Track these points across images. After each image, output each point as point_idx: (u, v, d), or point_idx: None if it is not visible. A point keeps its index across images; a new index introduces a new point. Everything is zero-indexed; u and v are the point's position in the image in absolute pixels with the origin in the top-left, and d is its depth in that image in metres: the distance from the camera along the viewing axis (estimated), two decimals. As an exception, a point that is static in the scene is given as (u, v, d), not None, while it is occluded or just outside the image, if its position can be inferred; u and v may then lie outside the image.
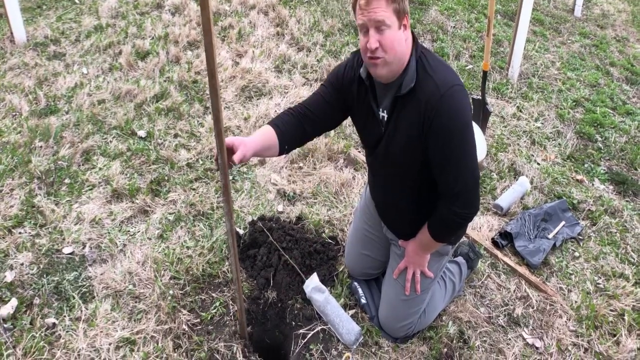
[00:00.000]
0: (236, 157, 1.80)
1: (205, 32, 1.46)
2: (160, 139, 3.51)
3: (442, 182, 1.94)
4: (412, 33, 1.91)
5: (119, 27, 4.86)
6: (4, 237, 2.74)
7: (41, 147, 3.36)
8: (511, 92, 4.57)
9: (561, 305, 2.65)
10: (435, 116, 1.80)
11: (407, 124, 1.90)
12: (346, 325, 2.31)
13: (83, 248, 2.73)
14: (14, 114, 3.70)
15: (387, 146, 2.01)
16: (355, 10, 1.82)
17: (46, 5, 5.33)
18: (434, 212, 2.04)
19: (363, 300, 2.48)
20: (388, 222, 2.32)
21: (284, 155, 3.29)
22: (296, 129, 2.06)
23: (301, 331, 2.37)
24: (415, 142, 1.90)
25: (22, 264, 2.60)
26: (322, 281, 2.49)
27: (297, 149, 3.41)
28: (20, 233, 2.77)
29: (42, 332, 2.30)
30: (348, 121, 3.77)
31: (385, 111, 1.98)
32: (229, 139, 1.78)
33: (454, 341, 2.39)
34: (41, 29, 4.77)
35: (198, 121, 3.72)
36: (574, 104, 4.60)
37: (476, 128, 3.31)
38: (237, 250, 2.65)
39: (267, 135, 1.99)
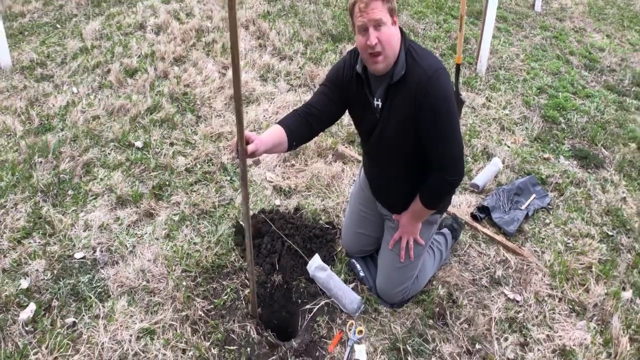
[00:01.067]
0: (250, 148, 2.01)
1: (232, 34, 1.69)
2: (158, 148, 3.70)
3: (433, 154, 2.21)
4: (400, 28, 2.17)
5: (104, 47, 5.04)
6: (14, 248, 2.84)
7: (41, 162, 3.48)
8: (480, 84, 4.88)
9: (536, 264, 2.96)
10: (425, 95, 2.08)
11: (400, 107, 2.17)
12: (348, 296, 2.56)
13: (94, 252, 2.86)
14: (8, 134, 3.80)
15: (382, 130, 2.27)
16: (353, 14, 2.07)
17: (28, 32, 5.46)
18: (425, 183, 2.31)
19: (362, 274, 2.73)
20: (382, 199, 2.58)
21: (277, 155, 3.57)
22: (303, 127, 2.30)
23: (307, 307, 2.61)
24: (407, 123, 2.17)
25: (36, 271, 2.72)
26: (323, 261, 2.73)
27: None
28: (30, 243, 2.89)
29: (64, 331, 2.42)
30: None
31: (379, 99, 2.24)
32: (246, 133, 1.99)
33: (444, 302, 2.66)
34: (26, 54, 4.90)
35: (192, 129, 3.94)
36: (538, 91, 4.94)
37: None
38: (242, 241, 2.89)
39: (277, 133, 2.22)
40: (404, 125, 2.19)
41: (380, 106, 2.25)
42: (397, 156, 2.34)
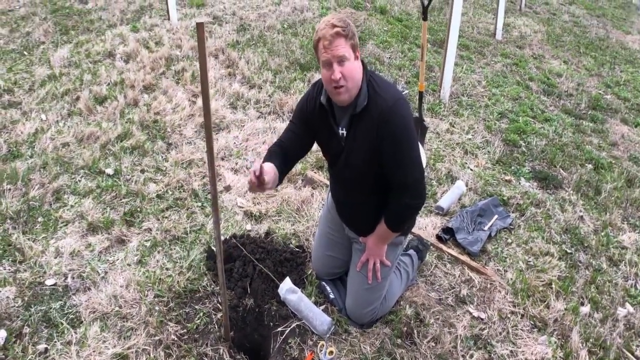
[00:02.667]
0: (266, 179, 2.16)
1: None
2: (128, 175, 3.72)
3: (395, 180, 2.33)
4: (362, 61, 2.30)
5: (73, 75, 5.05)
6: (-18, 277, 2.81)
7: (9, 189, 3.46)
8: (444, 110, 5.06)
9: (499, 283, 3.08)
10: (386, 124, 2.21)
11: (363, 136, 2.29)
12: (319, 318, 2.62)
13: (65, 279, 2.86)
14: (-24, 161, 3.75)
15: (347, 157, 2.39)
16: (318, 49, 2.19)
17: (-6, 59, 5.46)
18: (389, 207, 2.42)
19: (332, 296, 2.80)
20: (349, 223, 2.67)
21: (247, 181, 3.63)
22: (284, 163, 2.41)
23: (279, 329, 2.65)
24: (371, 150, 2.29)
25: (7, 298, 2.70)
26: (294, 284, 2.78)
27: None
28: (0, 271, 2.88)
29: (35, 358, 2.41)
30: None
31: (344, 129, 2.36)
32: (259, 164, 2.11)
33: (412, 321, 2.75)
34: (-7, 81, 4.90)
35: (162, 157, 3.97)
36: (500, 116, 5.15)
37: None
38: (214, 265, 2.93)
39: (274, 170, 2.29)
40: (368, 153, 2.31)
41: (345, 135, 2.36)
42: (362, 182, 2.45)
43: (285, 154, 2.42)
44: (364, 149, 2.31)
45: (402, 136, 2.24)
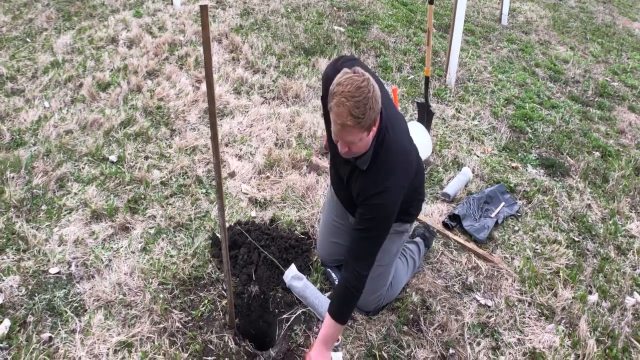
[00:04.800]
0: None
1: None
2: (132, 162, 3.70)
3: (349, 249, 2.23)
4: (381, 112, 2.07)
5: (76, 61, 5.01)
6: (-13, 265, 2.81)
7: (13, 177, 3.44)
8: (450, 96, 5.01)
9: (506, 270, 3.06)
10: (371, 198, 2.13)
11: (355, 184, 2.25)
12: (324, 305, 2.61)
13: (69, 267, 2.85)
14: (-22, 150, 3.74)
15: (343, 177, 2.36)
16: (329, 110, 1.96)
17: (-3, 46, 5.43)
18: (333, 297, 2.27)
19: (337, 282, 2.78)
20: (352, 212, 2.64)
21: (252, 167, 3.62)
22: None
23: (284, 316, 2.65)
24: (357, 192, 2.24)
25: (10, 287, 2.70)
26: (299, 271, 2.77)
27: (263, 160, 3.72)
28: (3, 259, 2.86)
29: (40, 347, 2.40)
30: (308, 132, 4.11)
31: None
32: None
33: (418, 308, 2.74)
34: (-4, 68, 4.88)
35: (166, 143, 3.95)
36: (506, 102, 5.10)
37: (422, 128, 3.71)
38: (218, 252, 2.92)
39: None
40: (355, 191, 2.27)
41: (345, 159, 2.28)
42: (352, 195, 2.39)
43: None
44: (355, 187, 2.26)
45: (374, 218, 2.15)
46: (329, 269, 2.86)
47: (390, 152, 2.16)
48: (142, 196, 3.40)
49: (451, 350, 2.57)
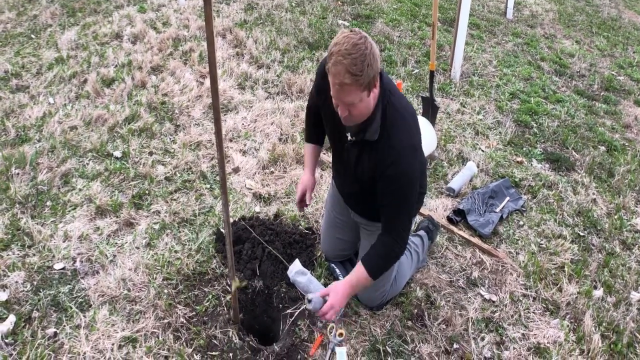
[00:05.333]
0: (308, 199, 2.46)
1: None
2: (136, 158, 3.70)
3: (384, 219, 2.23)
4: (381, 76, 2.06)
5: (80, 57, 5.01)
6: (-8, 261, 2.82)
7: (18, 174, 3.45)
8: (454, 90, 4.99)
9: (511, 265, 3.05)
10: (389, 169, 2.08)
11: (367, 160, 2.18)
12: (328, 300, 2.60)
13: (74, 262, 2.86)
14: (-16, 146, 3.74)
15: (348, 159, 2.29)
16: (327, 76, 1.96)
17: (1, 43, 5.38)
18: (372, 254, 2.25)
19: (341, 278, 2.78)
20: (354, 209, 2.63)
21: (256, 163, 3.63)
22: (321, 130, 2.46)
23: (288, 311, 2.65)
24: (371, 173, 2.19)
25: (15, 282, 2.70)
26: (303, 266, 2.76)
27: (267, 155, 3.72)
28: (9, 255, 2.87)
29: (45, 342, 2.41)
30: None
31: (352, 137, 2.22)
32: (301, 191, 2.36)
33: (423, 303, 2.74)
34: (0, 65, 4.86)
35: (170, 138, 3.95)
36: (511, 96, 5.07)
37: (427, 122, 3.70)
38: (222, 248, 2.92)
39: (316, 156, 2.49)
40: (367, 174, 2.21)
41: (351, 141, 2.24)
42: (363, 186, 2.34)
43: (317, 127, 2.52)
44: (365, 170, 2.21)
45: (402, 184, 2.11)
46: (332, 265, 2.86)
47: (398, 113, 2.12)
48: (147, 192, 3.40)
49: (455, 345, 2.56)
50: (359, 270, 2.22)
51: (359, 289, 2.29)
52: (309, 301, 2.23)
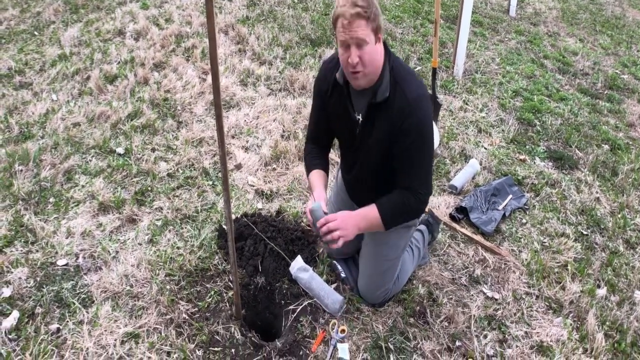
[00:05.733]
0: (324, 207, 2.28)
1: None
2: (139, 154, 3.70)
3: (402, 176, 2.25)
4: (384, 43, 2.17)
5: (83, 54, 5.02)
6: (-4, 257, 2.82)
7: (21, 170, 3.46)
8: (457, 88, 4.98)
9: (514, 263, 3.04)
10: (405, 121, 2.11)
11: (380, 127, 2.20)
12: (331, 296, 2.61)
13: (77, 259, 2.86)
14: (-13, 143, 3.76)
15: (361, 143, 2.31)
16: (336, 26, 2.02)
17: (5, 40, 5.41)
18: (388, 199, 2.26)
19: (343, 275, 2.78)
20: (360, 203, 2.63)
21: (258, 159, 3.63)
22: (325, 158, 2.55)
23: (290, 307, 2.64)
24: (386, 142, 2.21)
25: (19, 279, 2.71)
26: (305, 263, 2.77)
27: (269, 152, 3.72)
28: (12, 251, 2.87)
29: (48, 338, 2.41)
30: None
31: (360, 114, 2.26)
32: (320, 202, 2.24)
33: (425, 300, 2.73)
34: (4, 62, 4.86)
35: (173, 135, 3.95)
36: (514, 94, 5.06)
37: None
38: (225, 244, 2.92)
39: (324, 177, 2.46)
40: (383, 145, 2.23)
41: (361, 121, 2.26)
42: (374, 169, 2.38)
43: (321, 147, 2.55)
44: (379, 139, 2.22)
45: (420, 134, 2.14)
46: (334, 262, 2.86)
47: (404, 69, 2.19)
48: (149, 188, 3.40)
49: (458, 343, 2.56)
50: (372, 209, 2.25)
51: (368, 227, 2.29)
52: (313, 210, 2.21)
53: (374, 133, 2.23)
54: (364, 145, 2.30)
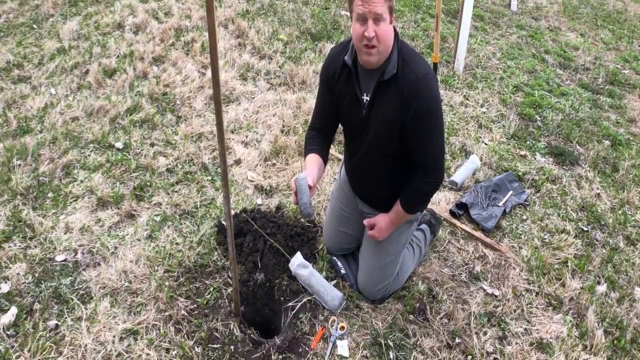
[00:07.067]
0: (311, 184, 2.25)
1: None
2: (138, 149, 3.68)
3: (418, 155, 2.28)
4: (394, 27, 2.20)
5: (82, 48, 4.99)
6: (-6, 252, 2.81)
7: (20, 165, 3.44)
8: (458, 82, 4.96)
9: (514, 259, 3.04)
10: (415, 98, 2.13)
11: (389, 106, 2.21)
12: (330, 293, 2.60)
13: (75, 254, 2.85)
14: (-16, 137, 3.73)
15: (368, 126, 2.31)
16: (354, 1, 2.07)
17: (3, 33, 5.38)
18: (407, 186, 2.38)
19: (343, 271, 2.78)
20: (363, 195, 2.62)
21: (257, 155, 3.61)
22: (325, 146, 2.50)
23: (290, 304, 2.63)
24: (394, 122, 2.21)
25: (17, 274, 2.70)
26: (305, 259, 2.76)
27: (269, 147, 3.71)
28: (10, 247, 2.86)
29: (46, 334, 2.41)
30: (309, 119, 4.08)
31: (367, 94, 2.27)
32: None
33: (425, 297, 2.72)
34: (2, 55, 4.84)
35: (172, 130, 3.93)
36: (515, 89, 5.04)
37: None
38: (224, 240, 2.91)
39: (319, 162, 2.42)
40: (390, 124, 2.23)
41: (367, 102, 2.27)
42: (380, 154, 2.38)
43: (324, 136, 2.51)
44: (387, 118, 2.23)
45: (430, 111, 2.17)
46: (334, 258, 2.85)
47: (410, 49, 2.24)
48: (148, 183, 3.39)
49: (457, 340, 2.55)
50: (397, 209, 2.43)
51: (402, 221, 2.51)
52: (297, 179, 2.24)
53: (382, 112, 2.24)
54: (370, 127, 2.30)
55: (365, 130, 2.33)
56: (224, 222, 3.04)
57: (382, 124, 2.25)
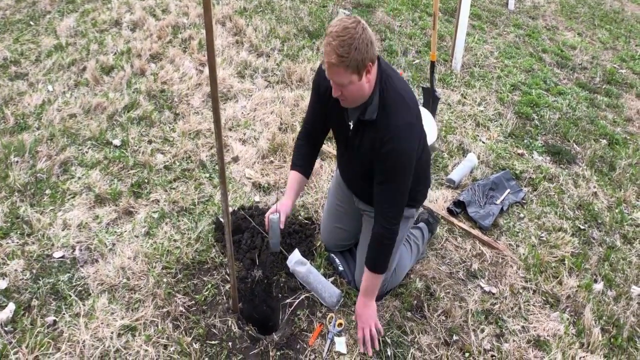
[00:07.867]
0: (282, 222, 2.38)
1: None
2: (136, 146, 3.68)
3: (376, 204, 2.28)
4: (380, 62, 2.13)
5: (79, 45, 4.98)
6: (-8, 249, 2.81)
7: (17, 162, 3.43)
8: (455, 81, 4.96)
9: (511, 257, 3.05)
10: (384, 147, 2.13)
11: (365, 142, 2.23)
12: (328, 290, 2.61)
13: (73, 251, 2.85)
14: (-18, 134, 3.72)
15: (352, 148, 2.35)
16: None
17: (0, 29, 5.37)
18: (368, 254, 2.34)
19: (340, 268, 2.78)
20: (358, 194, 2.63)
21: (255, 152, 3.61)
22: (311, 154, 2.53)
23: (288, 301, 2.64)
24: (367, 156, 2.25)
25: (15, 271, 2.70)
26: (303, 256, 2.76)
27: (267, 144, 3.71)
28: (8, 243, 2.86)
29: (44, 330, 2.41)
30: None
31: (352, 122, 2.28)
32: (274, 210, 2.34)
33: (422, 294, 2.73)
34: (-1, 52, 4.85)
35: (170, 127, 3.92)
36: (512, 88, 5.05)
37: (427, 113, 3.67)
38: (222, 237, 2.91)
39: (299, 184, 2.51)
40: (366, 157, 2.27)
41: (352, 128, 2.29)
42: (365, 171, 2.37)
43: (312, 140, 2.54)
44: (364, 153, 2.26)
45: (396, 162, 2.16)
46: (332, 255, 2.85)
47: (396, 94, 2.16)
48: (146, 180, 3.38)
49: (455, 337, 2.56)
50: (365, 276, 2.37)
51: (376, 288, 2.42)
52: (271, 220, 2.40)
53: (361, 145, 2.27)
54: (354, 151, 2.34)
55: (350, 149, 2.37)
56: (221, 219, 3.04)
57: (361, 155, 2.29)
